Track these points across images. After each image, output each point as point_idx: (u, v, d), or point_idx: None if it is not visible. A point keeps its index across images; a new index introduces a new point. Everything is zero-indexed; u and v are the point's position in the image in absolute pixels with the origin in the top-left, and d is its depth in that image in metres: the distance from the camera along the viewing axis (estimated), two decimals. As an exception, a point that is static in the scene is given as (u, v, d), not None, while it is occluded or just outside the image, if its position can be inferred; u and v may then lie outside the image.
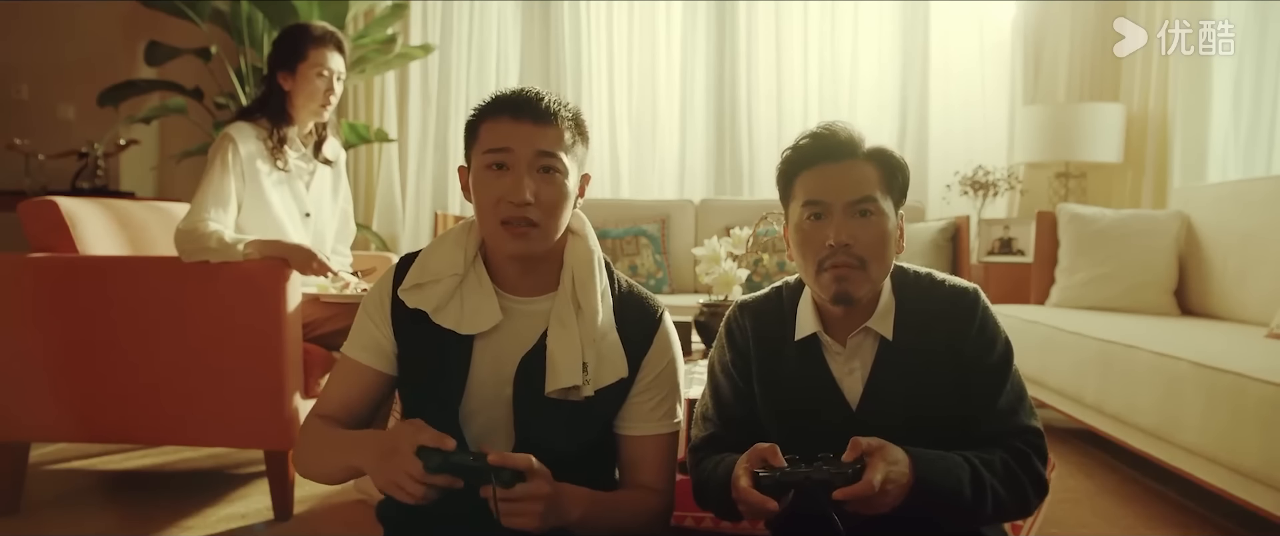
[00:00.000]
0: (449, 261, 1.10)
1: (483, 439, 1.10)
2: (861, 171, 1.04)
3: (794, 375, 1.11)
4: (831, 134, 1.06)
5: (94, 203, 2.34)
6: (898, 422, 1.06)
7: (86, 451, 2.58)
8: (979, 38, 4.21)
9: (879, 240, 1.04)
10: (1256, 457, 1.68)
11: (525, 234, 1.05)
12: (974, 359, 1.07)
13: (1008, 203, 4.10)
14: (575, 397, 1.08)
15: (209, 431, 2.04)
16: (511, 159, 1.04)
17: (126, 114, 3.77)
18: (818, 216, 1.05)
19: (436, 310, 1.09)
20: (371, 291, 1.17)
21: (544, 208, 1.05)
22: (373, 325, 1.13)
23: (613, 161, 4.37)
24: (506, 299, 1.11)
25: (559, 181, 1.07)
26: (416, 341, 1.11)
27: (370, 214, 4.25)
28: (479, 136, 1.07)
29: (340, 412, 1.15)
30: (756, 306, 1.17)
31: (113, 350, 2.01)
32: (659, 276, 3.78)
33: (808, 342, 1.10)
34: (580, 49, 4.34)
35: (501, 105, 1.06)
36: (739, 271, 2.17)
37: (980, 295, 1.10)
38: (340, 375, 1.16)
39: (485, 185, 1.06)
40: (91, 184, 3.76)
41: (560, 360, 1.07)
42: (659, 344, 1.14)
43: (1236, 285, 2.75)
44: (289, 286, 1.94)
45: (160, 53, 3.74)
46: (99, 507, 2.16)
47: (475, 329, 1.09)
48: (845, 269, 1.02)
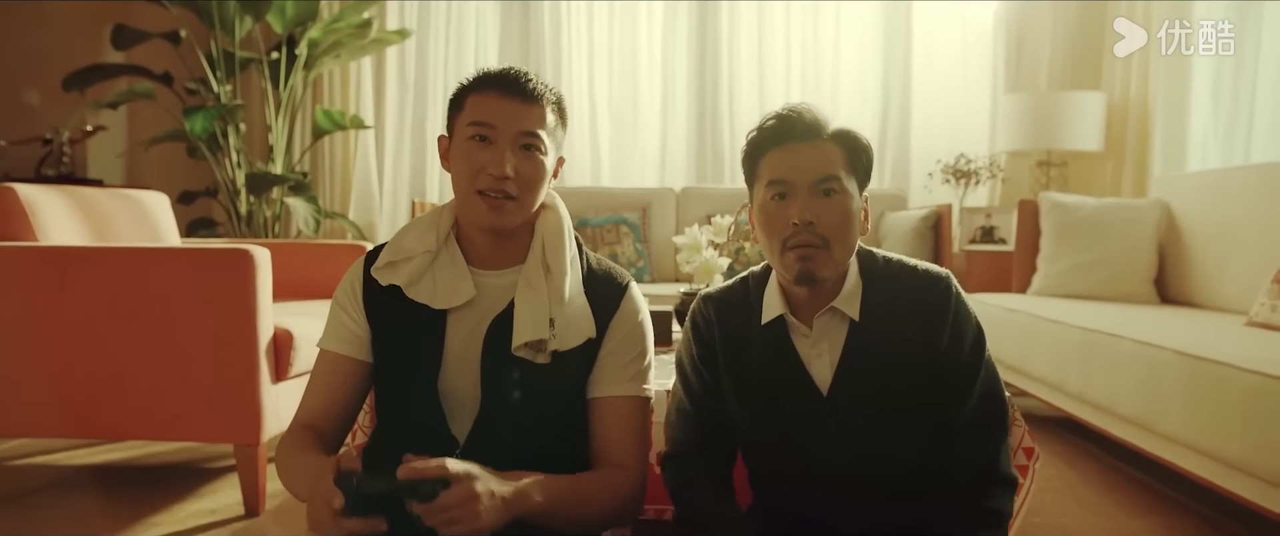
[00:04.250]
0: (422, 239, 1.12)
1: (456, 412, 1.10)
2: (826, 152, 1.05)
3: (761, 361, 1.11)
4: (796, 115, 1.07)
5: (55, 190, 2.27)
6: (869, 408, 1.06)
7: (48, 446, 2.50)
8: (961, 25, 4.20)
9: (842, 219, 1.04)
10: (1238, 446, 1.67)
11: (501, 206, 1.07)
12: (947, 349, 1.07)
13: (989, 191, 4.10)
14: (542, 359, 1.08)
15: (175, 425, 1.99)
16: (495, 134, 1.07)
17: (92, 99, 3.67)
18: (782, 196, 1.05)
19: (409, 284, 1.10)
20: (342, 283, 1.17)
21: (522, 183, 1.07)
22: (346, 315, 1.15)
23: (593, 148, 4.33)
24: (479, 274, 1.13)
25: (538, 160, 1.09)
26: (391, 318, 1.12)
27: (346, 202, 4.18)
28: (464, 108, 1.10)
29: (322, 412, 1.14)
30: (721, 297, 1.17)
31: (74, 342, 1.95)
32: (639, 265, 3.74)
33: (774, 326, 1.10)
34: (560, 34, 4.28)
35: (491, 81, 1.09)
36: (720, 260, 2.14)
37: (952, 281, 1.10)
38: (319, 373, 1.16)
39: (466, 155, 1.08)
40: (57, 171, 3.66)
41: (526, 316, 1.08)
42: (626, 308, 1.15)
43: (1216, 273, 2.76)
44: (257, 275, 1.88)
45: (127, 36, 3.64)
46: (61, 505, 2.09)
47: (449, 303, 1.10)
48: (809, 249, 1.03)
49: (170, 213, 2.70)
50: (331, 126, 3.91)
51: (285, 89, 3.85)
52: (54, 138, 3.69)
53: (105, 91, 3.71)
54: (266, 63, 3.82)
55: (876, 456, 1.07)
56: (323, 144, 4.14)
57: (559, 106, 1.12)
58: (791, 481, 1.12)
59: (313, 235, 3.71)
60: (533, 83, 1.09)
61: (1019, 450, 1.47)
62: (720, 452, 1.17)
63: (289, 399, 2.03)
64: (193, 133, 3.44)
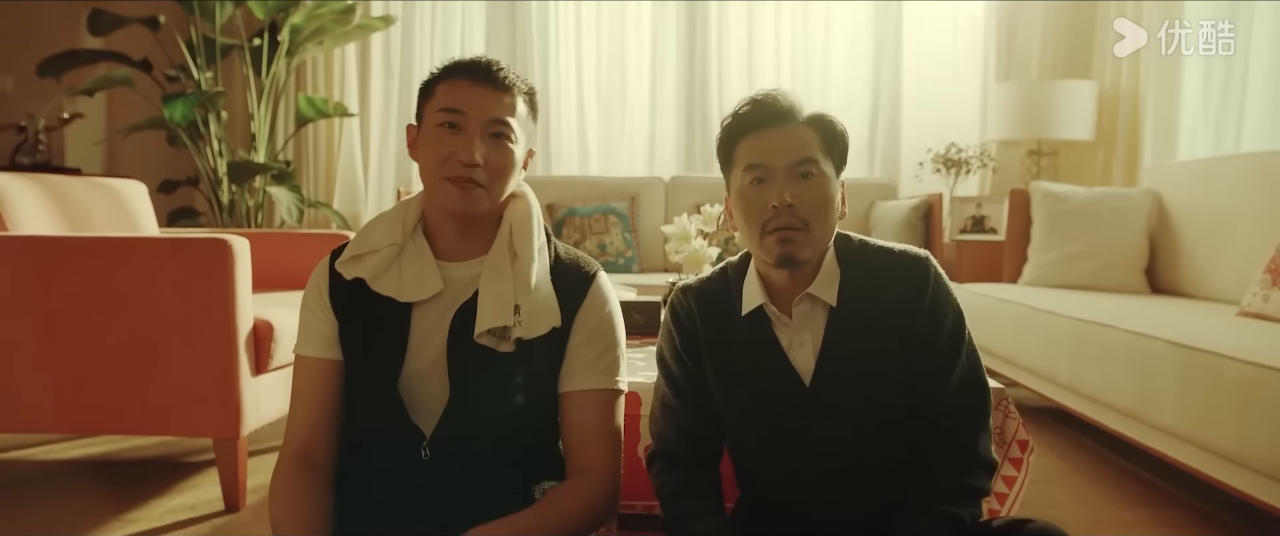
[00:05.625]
0: (388, 232, 1.10)
1: (421, 405, 1.07)
2: (802, 135, 1.05)
3: (743, 351, 1.09)
4: (772, 100, 1.07)
5: (28, 178, 2.21)
6: (852, 397, 1.04)
7: (20, 441, 2.44)
8: (952, 14, 4.17)
9: (821, 201, 1.04)
10: (1232, 437, 1.66)
11: (470, 190, 1.05)
12: (926, 331, 1.06)
13: (980, 180, 4.08)
14: (506, 348, 1.06)
15: (153, 419, 1.94)
16: (465, 121, 1.05)
17: (68, 85, 3.59)
18: (760, 180, 1.05)
19: (374, 278, 1.08)
20: (309, 284, 1.13)
21: (491, 171, 1.06)
22: (315, 317, 1.11)
23: (581, 137, 4.28)
24: (446, 267, 1.10)
25: (508, 149, 1.08)
26: (356, 312, 1.10)
27: (330, 191, 4.12)
28: (434, 95, 1.08)
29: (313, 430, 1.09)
30: (700, 287, 1.16)
31: (47, 335, 1.89)
32: (628, 255, 3.71)
33: (755, 316, 1.09)
34: (547, 18, 4.23)
35: (461, 68, 1.08)
36: (709, 249, 2.12)
37: (931, 263, 1.09)
38: (302, 384, 1.12)
39: (436, 142, 1.06)
40: (33, 159, 3.59)
41: (490, 302, 1.06)
42: (593, 298, 1.12)
43: (1206, 263, 2.75)
44: (236, 265, 1.84)
45: (104, 21, 3.56)
46: (34, 502, 2.04)
47: (416, 296, 1.08)
48: (789, 232, 1.03)
49: (148, 202, 2.65)
50: (315, 114, 3.85)
51: (267, 76, 3.78)
52: (29, 125, 3.62)
53: (81, 78, 3.63)
54: (248, 49, 3.75)
55: (861, 446, 1.05)
56: (306, 132, 4.08)
57: (530, 97, 1.11)
58: (775, 474, 1.10)
59: (296, 225, 3.65)
60: (504, 71, 1.08)
61: (1013, 443, 1.45)
62: (706, 448, 1.15)
63: (270, 391, 1.99)
64: (172, 120, 3.38)
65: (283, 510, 1.04)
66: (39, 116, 3.64)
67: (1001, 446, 1.42)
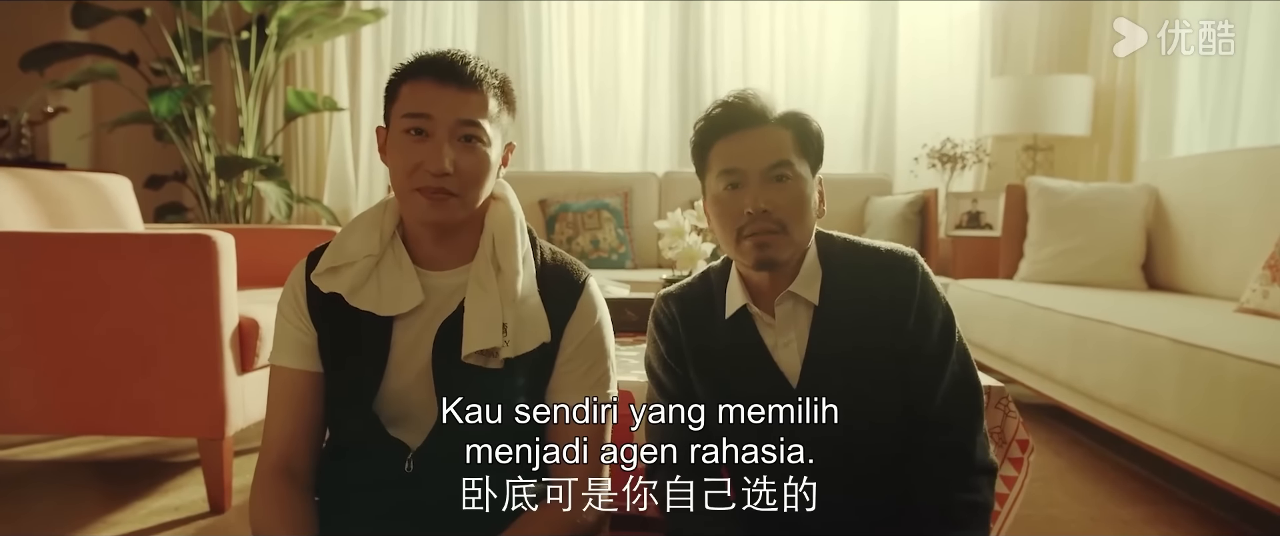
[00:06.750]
0: (364, 242, 1.04)
1: (405, 419, 1.03)
2: (775, 137, 1.04)
3: (728, 355, 1.08)
4: (743, 102, 1.05)
5: (7, 173, 2.16)
6: (840, 398, 1.02)
7: (1, 442, 2.40)
8: (947, 9, 4.15)
9: (797, 204, 1.03)
10: (1232, 435, 1.64)
11: (443, 201, 0.99)
12: (915, 332, 1.04)
13: (976, 176, 4.06)
14: (495, 365, 1.02)
15: (136, 419, 1.90)
16: (431, 126, 0.98)
17: (51, 79, 3.53)
18: (734, 185, 1.04)
19: (352, 292, 1.03)
20: (284, 291, 1.09)
21: (464, 178, 0.99)
22: (292, 326, 1.07)
23: (573, 132, 4.24)
24: (427, 276, 1.05)
25: (481, 152, 1.00)
26: (335, 325, 1.05)
27: (320, 187, 4.07)
28: (398, 98, 1.01)
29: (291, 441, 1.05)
30: (681, 293, 1.15)
31: (27, 333, 1.85)
32: (621, 251, 3.68)
33: (739, 319, 1.08)
34: (540, 12, 4.18)
35: (424, 67, 1.00)
36: (703, 245, 2.10)
37: (918, 262, 1.07)
38: (279, 395, 1.08)
39: (403, 151, 0.99)
40: (15, 154, 3.52)
41: (477, 322, 1.00)
42: (582, 309, 1.08)
43: (1203, 259, 2.73)
44: (220, 262, 1.80)
45: (89, 14, 3.51)
46: (13, 504, 2.00)
47: (396, 309, 1.03)
48: (766, 236, 1.02)
49: (133, 197, 2.60)
50: (304, 108, 3.80)
51: (256, 70, 3.73)
52: (11, 119, 3.56)
53: (66, 71, 3.57)
54: (236, 42, 3.70)
55: (850, 448, 1.03)
56: (295, 127, 4.03)
57: (503, 90, 1.03)
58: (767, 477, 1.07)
59: (285, 221, 3.61)
60: (471, 66, 0.99)
61: (1012, 442, 1.43)
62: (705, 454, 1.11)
63: (255, 390, 1.95)
64: (157, 114, 3.33)
65: (265, 520, 1.01)
66: (22, 110, 3.58)
67: (1001, 446, 1.40)
